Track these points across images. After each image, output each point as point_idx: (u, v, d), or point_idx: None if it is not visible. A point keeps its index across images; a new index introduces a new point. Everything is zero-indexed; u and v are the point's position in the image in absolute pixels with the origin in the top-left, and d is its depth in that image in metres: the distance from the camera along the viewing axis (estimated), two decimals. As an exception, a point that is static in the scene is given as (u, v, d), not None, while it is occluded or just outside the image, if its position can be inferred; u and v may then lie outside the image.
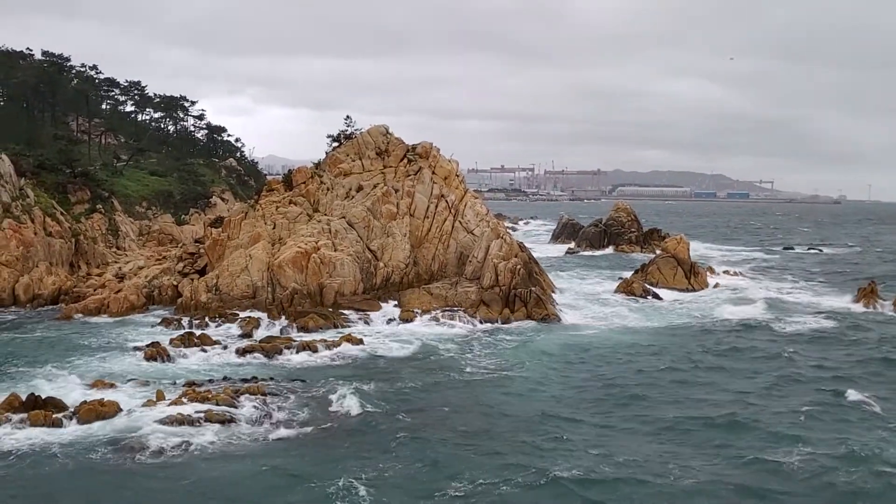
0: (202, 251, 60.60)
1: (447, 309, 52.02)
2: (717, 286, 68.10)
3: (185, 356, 41.00)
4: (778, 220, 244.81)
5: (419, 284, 56.06)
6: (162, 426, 29.00)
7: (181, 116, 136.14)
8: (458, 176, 63.84)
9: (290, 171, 66.44)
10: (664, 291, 63.91)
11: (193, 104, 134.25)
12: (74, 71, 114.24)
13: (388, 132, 64.02)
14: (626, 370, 39.39)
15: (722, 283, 70.39)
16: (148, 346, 41.65)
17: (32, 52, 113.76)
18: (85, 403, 30.56)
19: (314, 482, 24.81)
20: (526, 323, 50.87)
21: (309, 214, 59.13)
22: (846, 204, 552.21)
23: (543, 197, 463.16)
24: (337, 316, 49.63)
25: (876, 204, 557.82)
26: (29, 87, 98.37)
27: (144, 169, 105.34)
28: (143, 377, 36.00)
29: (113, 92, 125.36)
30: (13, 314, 52.69)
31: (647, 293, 62.58)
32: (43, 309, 54.51)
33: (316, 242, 55.41)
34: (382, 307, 53.32)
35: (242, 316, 49.70)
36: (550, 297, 56.72)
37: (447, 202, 60.15)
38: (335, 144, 64.92)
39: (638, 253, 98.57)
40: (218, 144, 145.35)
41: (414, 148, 63.39)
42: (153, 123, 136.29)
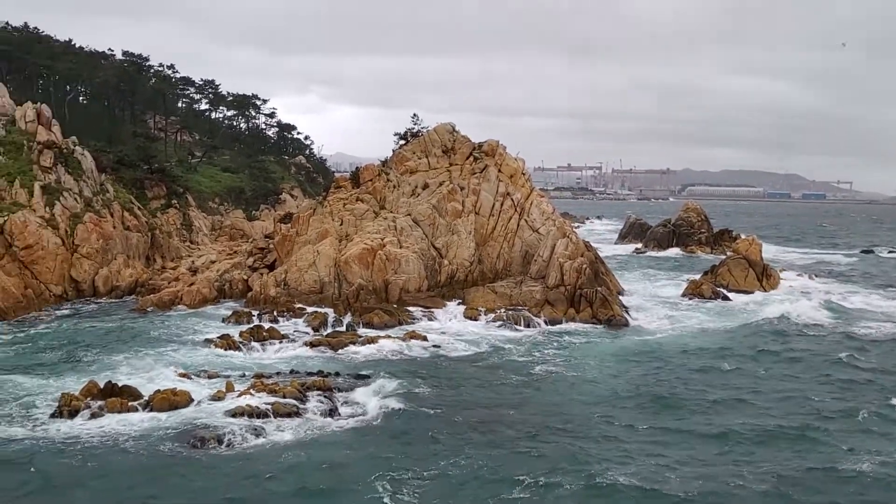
0: (272, 246, 61.91)
1: (511, 308, 51.89)
2: (790, 289, 66.09)
3: (253, 349, 42.00)
4: (856, 222, 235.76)
5: (483, 283, 56.05)
6: (231, 417, 29.79)
7: (253, 114, 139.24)
8: (524, 174, 63.58)
9: (357, 168, 67.25)
10: (734, 294, 62.36)
11: (265, 102, 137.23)
12: (152, 70, 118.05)
13: (454, 130, 64.20)
14: (691, 374, 38.61)
15: (795, 285, 68.31)
16: (218, 338, 42.82)
17: (114, 52, 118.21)
18: (158, 393, 31.60)
19: (377, 476, 25.10)
20: (591, 324, 50.34)
21: (375, 211, 59.78)
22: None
23: (611, 196, 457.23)
24: (402, 313, 50.03)
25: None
26: (110, 86, 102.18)
27: (217, 166, 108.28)
28: (213, 369, 36.99)
29: (188, 90, 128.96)
30: (93, 304, 54.85)
31: (716, 295, 61.16)
32: (120, 300, 56.60)
33: (382, 239, 55.98)
34: (447, 305, 53.55)
35: (309, 311, 50.60)
36: (616, 297, 55.97)
37: (513, 200, 59.97)
38: (402, 142, 65.46)
39: (707, 254, 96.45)
40: (288, 142, 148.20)
41: (480, 146, 63.39)
42: (226, 121, 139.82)
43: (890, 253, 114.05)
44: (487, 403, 33.33)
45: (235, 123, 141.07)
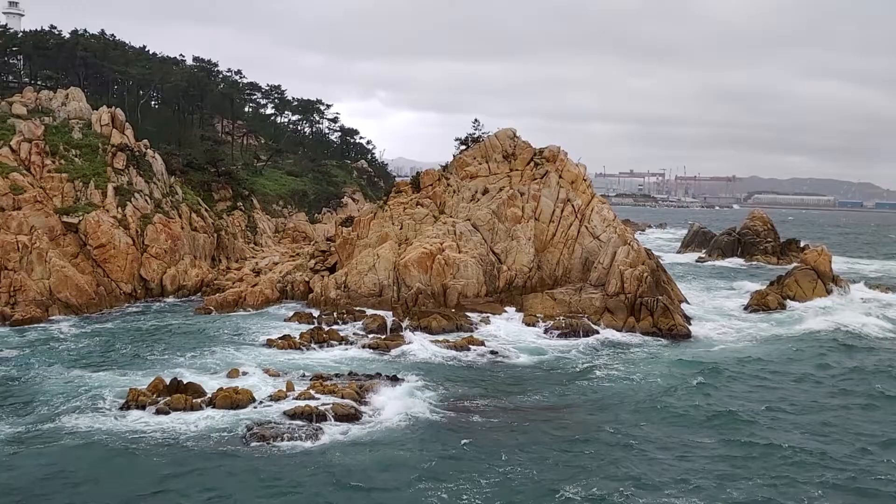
0: (333, 249, 62.79)
1: (570, 315, 51.48)
2: (861, 302, 63.81)
3: (313, 350, 42.68)
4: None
5: (542, 289, 55.75)
6: (290, 416, 30.33)
7: (317, 119, 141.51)
8: (585, 180, 63.02)
9: (417, 173, 67.78)
10: (802, 306, 60.55)
11: (328, 107, 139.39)
12: (221, 75, 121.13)
13: (515, 135, 64.07)
14: (753, 389, 37.62)
15: (867, 298, 65.89)
16: (280, 338, 43.65)
17: (184, 58, 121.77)
18: (221, 390, 32.39)
19: (434, 477, 25.26)
20: (651, 333, 49.53)
21: (435, 216, 60.08)
22: None
23: (673, 203, 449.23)
24: (460, 317, 50.13)
25: None
26: (180, 90, 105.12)
27: (282, 169, 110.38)
28: (274, 368, 37.70)
29: (255, 95, 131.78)
30: (161, 303, 56.52)
31: (782, 307, 59.52)
32: (186, 299, 58.18)
33: (441, 244, 56.23)
34: (505, 311, 53.43)
35: (369, 313, 51.13)
36: (678, 307, 55.02)
37: (573, 206, 59.53)
38: (462, 147, 65.65)
39: (774, 264, 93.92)
40: (350, 146, 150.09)
41: (541, 151, 63.10)
42: (291, 126, 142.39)
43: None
44: (543, 412, 33.15)
45: (300, 128, 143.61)
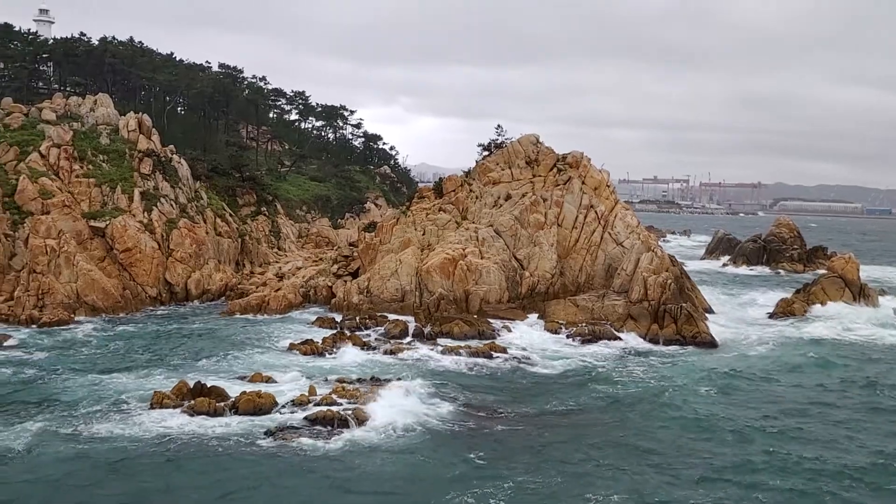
0: (356, 254, 63.04)
1: (593, 322, 51.23)
2: (889, 312, 62.77)
3: (336, 354, 42.80)
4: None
5: (565, 295, 55.52)
6: (312, 421, 30.43)
7: (340, 125, 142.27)
8: (608, 186, 62.74)
9: (440, 178, 67.89)
10: (829, 314, 59.69)
11: (352, 113, 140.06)
12: (246, 82, 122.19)
13: (538, 141, 63.95)
14: (778, 398, 37.12)
15: (896, 307, 64.83)
16: (302, 343, 43.85)
17: (210, 64, 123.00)
18: (244, 394, 32.58)
19: (453, 485, 25.20)
20: (675, 340, 49.08)
21: (457, 222, 60.11)
22: None
23: (698, 210, 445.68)
24: (482, 323, 50.05)
25: None
26: (206, 96, 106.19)
27: (305, 174, 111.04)
28: (297, 373, 37.86)
29: (279, 101, 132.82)
30: (185, 307, 57.04)
31: (808, 315, 58.71)
32: (210, 303, 58.65)
33: (463, 249, 56.24)
34: (527, 317, 53.25)
35: (391, 318, 51.22)
36: (702, 314, 54.54)
37: (596, 213, 59.27)
38: (485, 153, 65.64)
39: (800, 272, 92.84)
40: (373, 152, 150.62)
41: (564, 157, 62.91)
42: (315, 131, 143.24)
43: None
44: (564, 419, 32.99)
45: (323, 134, 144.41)
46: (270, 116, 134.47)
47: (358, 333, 47.48)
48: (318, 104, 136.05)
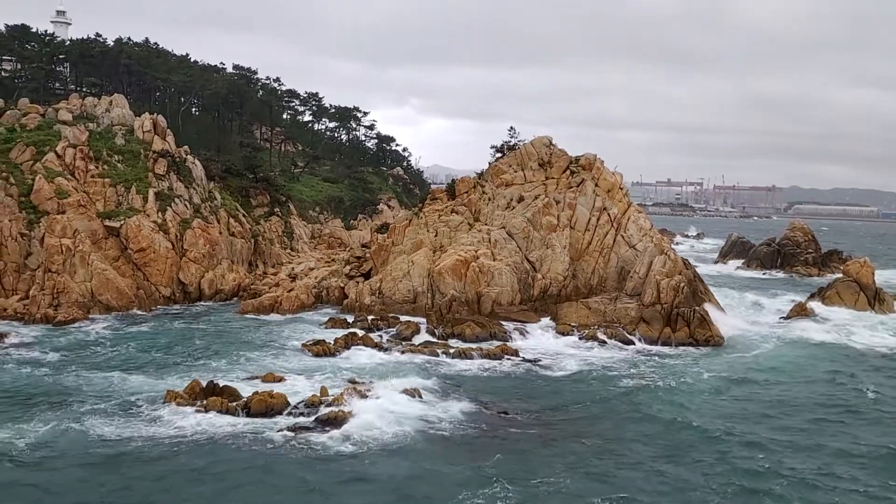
0: (368, 255, 63.14)
1: (605, 325, 51.10)
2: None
3: (347, 355, 42.89)
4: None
5: (577, 298, 55.40)
6: (324, 422, 30.51)
7: (354, 126, 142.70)
8: (621, 189, 62.53)
9: (453, 180, 67.86)
10: (844, 319, 59.29)
11: (365, 115, 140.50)
12: (260, 83, 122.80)
13: (551, 143, 63.81)
14: (790, 402, 36.85)
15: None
16: (314, 343, 43.98)
17: (225, 66, 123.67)
18: (256, 394, 32.72)
19: (465, 487, 25.19)
20: (688, 344, 48.92)
21: (470, 223, 60.09)
22: None
23: (711, 213, 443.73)
24: (493, 325, 50.02)
25: None
26: (220, 98, 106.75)
27: (318, 175, 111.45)
28: (308, 373, 38.02)
29: (293, 103, 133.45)
30: (199, 307, 57.32)
31: (822, 319, 58.31)
32: (223, 303, 58.92)
33: (475, 251, 56.22)
34: (540, 320, 53.12)
35: (403, 320, 51.28)
36: (715, 317, 54.28)
37: (609, 215, 59.10)
38: (498, 155, 65.56)
39: (814, 276, 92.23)
40: (386, 154, 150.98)
41: (577, 160, 62.77)
42: (328, 133, 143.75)
43: None
44: (575, 422, 32.91)
45: (337, 135, 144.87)
46: (284, 117, 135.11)
47: (370, 334, 47.56)
48: (331, 105, 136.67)
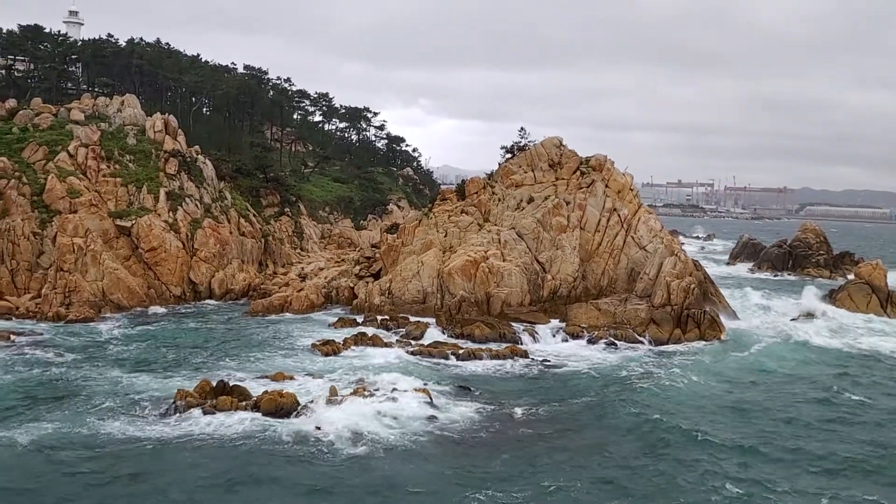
0: (378, 256, 63.19)
1: (615, 326, 50.96)
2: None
3: (357, 355, 42.91)
4: None
5: (587, 299, 55.29)
6: (333, 420, 30.54)
7: (364, 127, 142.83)
8: (631, 190, 62.36)
9: (463, 181, 67.83)
10: (855, 322, 58.94)
11: (375, 115, 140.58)
12: (271, 83, 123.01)
13: (561, 144, 63.70)
14: (801, 405, 36.68)
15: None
16: (324, 343, 44.04)
17: (236, 66, 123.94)
18: (266, 394, 32.77)
19: (474, 488, 25.19)
20: (697, 344, 48.75)
21: (479, 224, 60.07)
22: None
23: (722, 214, 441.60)
24: (503, 326, 49.96)
25: None
26: (231, 98, 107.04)
27: (328, 176, 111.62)
28: (318, 372, 38.08)
29: (304, 103, 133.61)
30: (209, 306, 57.51)
31: (833, 322, 57.96)
32: (234, 303, 59.10)
33: (485, 252, 56.19)
34: (549, 321, 52.97)
35: (412, 320, 51.30)
36: (726, 319, 54.07)
37: (619, 216, 58.97)
38: (508, 156, 65.50)
39: (826, 278, 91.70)
40: (396, 154, 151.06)
41: (587, 161, 62.63)
42: (338, 133, 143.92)
43: None
44: (584, 425, 32.81)
45: (347, 135, 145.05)
46: (294, 118, 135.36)
47: (379, 334, 47.59)
48: (341, 106, 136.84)
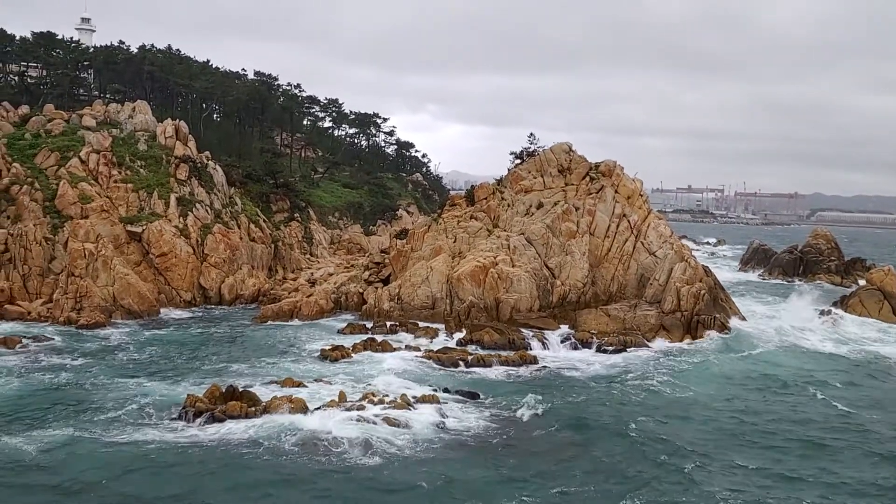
0: (387, 261, 63.26)
1: (625, 332, 50.77)
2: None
3: (366, 361, 42.92)
4: None
5: (596, 305, 55.13)
6: (342, 426, 30.55)
7: (373, 132, 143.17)
8: (641, 195, 62.26)
9: (472, 186, 67.87)
10: (865, 328, 58.58)
11: (385, 121, 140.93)
12: (281, 89, 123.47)
13: (570, 150, 63.69)
14: (811, 415, 36.39)
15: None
16: (333, 349, 44.08)
17: (246, 72, 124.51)
18: (275, 399, 32.83)
19: (484, 494, 25.13)
20: (705, 346, 48.53)
21: (489, 230, 60.06)
22: None
23: (733, 220, 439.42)
24: (512, 332, 49.85)
25: None
26: (242, 104, 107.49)
27: (338, 181, 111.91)
28: (327, 378, 38.09)
29: (313, 109, 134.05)
30: (219, 311, 57.69)
31: (843, 327, 57.63)
32: (243, 308, 59.25)
33: (494, 257, 56.15)
34: (559, 327, 52.87)
35: (421, 325, 51.31)
36: (736, 325, 53.83)
37: (629, 222, 58.85)
38: (517, 161, 65.54)
39: (837, 284, 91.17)
40: (406, 160, 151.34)
41: (597, 166, 62.58)
42: (348, 139, 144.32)
43: None
44: (594, 429, 32.69)
45: (356, 141, 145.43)
46: (304, 123, 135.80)
47: (388, 340, 47.60)
48: (351, 111, 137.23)
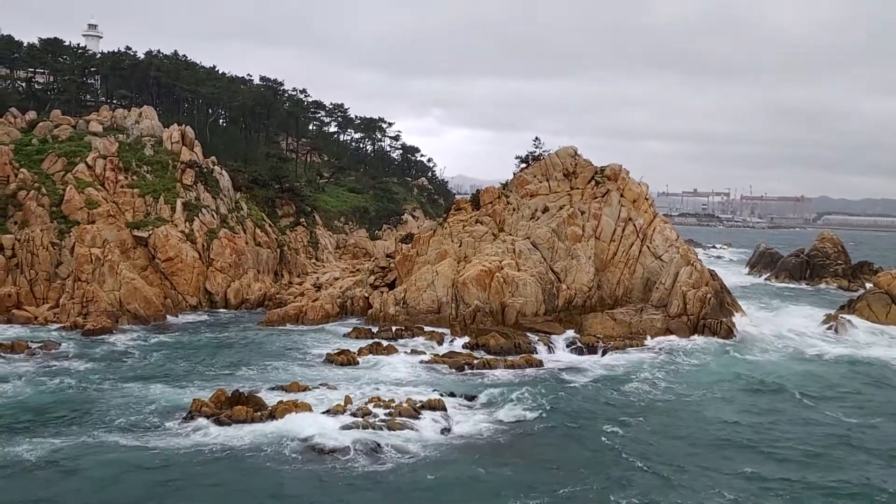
0: (392, 265, 63.28)
1: (631, 336, 50.68)
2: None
3: (372, 365, 42.96)
4: None
5: (602, 309, 55.08)
6: (348, 430, 30.55)
7: (379, 137, 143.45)
8: (647, 199, 62.17)
9: (477, 190, 67.87)
10: (874, 332, 58.29)
11: (390, 125, 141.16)
12: (286, 94, 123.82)
13: (576, 154, 63.66)
14: (818, 419, 36.25)
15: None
16: (339, 353, 44.10)
17: (252, 77, 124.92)
18: (281, 403, 32.86)
19: (490, 497, 25.09)
20: (710, 343, 48.43)
21: (494, 234, 60.06)
22: None
23: (739, 223, 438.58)
24: (518, 336, 49.81)
25: None
26: (247, 109, 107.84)
27: (344, 186, 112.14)
28: (332, 383, 38.09)
29: (319, 114, 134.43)
30: (225, 315, 57.80)
31: (852, 332, 57.39)
32: (249, 312, 59.35)
33: (500, 262, 56.13)
34: (565, 331, 52.76)
35: (427, 330, 51.31)
36: (742, 328, 53.67)
37: (635, 226, 58.79)
38: (523, 165, 65.54)
39: (844, 288, 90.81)
40: (411, 164, 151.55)
41: (602, 170, 62.54)
42: (353, 143, 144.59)
43: None
44: (600, 432, 32.63)
45: (362, 146, 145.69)
46: (310, 128, 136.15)
47: (394, 344, 47.62)
48: (356, 116, 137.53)
